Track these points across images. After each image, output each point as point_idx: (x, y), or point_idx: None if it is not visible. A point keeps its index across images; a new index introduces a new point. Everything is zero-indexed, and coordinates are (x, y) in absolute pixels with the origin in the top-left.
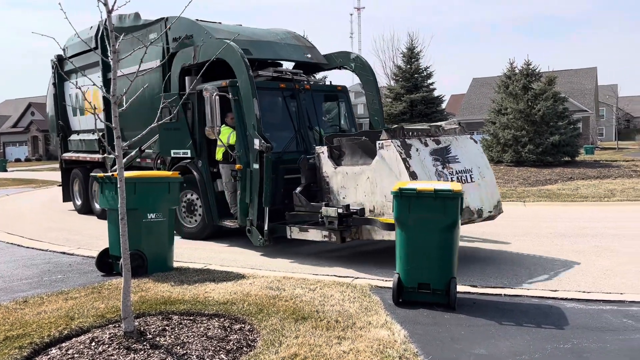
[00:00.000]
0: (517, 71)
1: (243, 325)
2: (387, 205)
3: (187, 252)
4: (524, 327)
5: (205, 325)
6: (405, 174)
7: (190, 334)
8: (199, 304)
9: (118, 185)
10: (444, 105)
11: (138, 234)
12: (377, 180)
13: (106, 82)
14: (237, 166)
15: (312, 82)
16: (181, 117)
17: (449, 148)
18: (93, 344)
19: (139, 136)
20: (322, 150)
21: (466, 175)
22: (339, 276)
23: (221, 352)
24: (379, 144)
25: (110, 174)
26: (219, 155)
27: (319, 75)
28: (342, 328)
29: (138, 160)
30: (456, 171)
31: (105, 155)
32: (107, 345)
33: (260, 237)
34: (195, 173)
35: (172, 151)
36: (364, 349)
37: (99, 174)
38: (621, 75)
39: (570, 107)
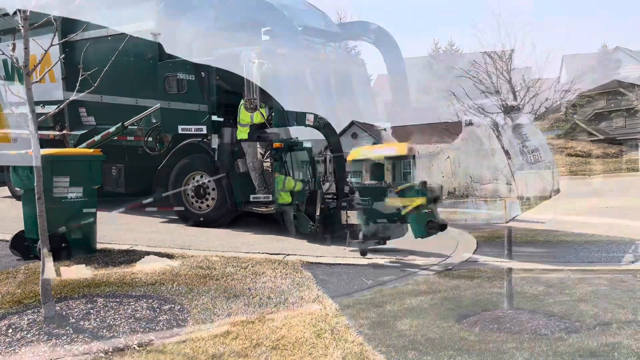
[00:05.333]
0: (441, 51)
1: (173, 306)
2: (473, 187)
3: (109, 233)
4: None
5: (133, 307)
6: (500, 152)
7: (117, 316)
8: (126, 285)
9: (33, 164)
10: (372, 84)
11: (57, 215)
12: (461, 159)
13: (66, 46)
14: (277, 144)
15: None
16: (194, 88)
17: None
18: (10, 330)
19: (144, 113)
20: (385, 128)
21: (537, 154)
22: (271, 254)
23: (150, 333)
24: (466, 120)
25: (24, 151)
26: (242, 134)
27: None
28: (274, 304)
29: (115, 138)
30: (531, 150)
31: (65, 132)
32: (25, 332)
33: (310, 223)
34: (211, 152)
35: (180, 127)
36: (296, 323)
37: (11, 152)
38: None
39: None
